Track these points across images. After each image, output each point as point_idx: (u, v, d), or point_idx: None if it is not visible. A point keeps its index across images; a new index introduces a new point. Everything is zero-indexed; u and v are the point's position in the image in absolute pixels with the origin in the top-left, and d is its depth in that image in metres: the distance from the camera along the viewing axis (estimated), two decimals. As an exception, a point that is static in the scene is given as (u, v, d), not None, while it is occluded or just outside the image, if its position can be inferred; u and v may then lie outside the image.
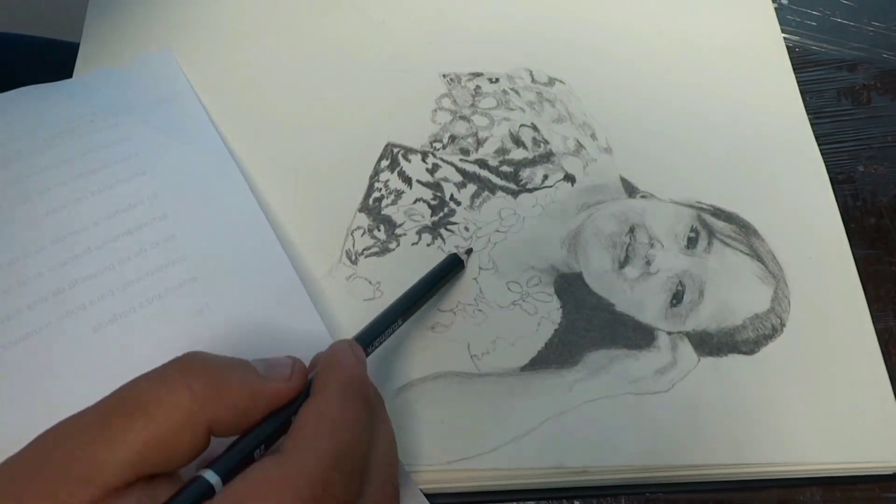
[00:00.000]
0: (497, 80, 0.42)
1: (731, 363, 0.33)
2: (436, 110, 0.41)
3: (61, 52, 0.43)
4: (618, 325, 0.34)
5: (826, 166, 0.39)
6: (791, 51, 0.44)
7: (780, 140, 0.40)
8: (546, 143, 0.40)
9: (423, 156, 0.39)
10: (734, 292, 0.35)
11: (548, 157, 0.39)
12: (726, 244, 0.37)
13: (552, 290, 0.35)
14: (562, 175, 0.39)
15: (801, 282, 0.36)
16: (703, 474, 0.31)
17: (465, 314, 0.34)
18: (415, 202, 0.38)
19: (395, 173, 0.39)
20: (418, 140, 0.40)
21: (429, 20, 0.45)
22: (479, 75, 0.42)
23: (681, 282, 0.35)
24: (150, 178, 0.37)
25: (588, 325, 0.34)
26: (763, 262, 0.36)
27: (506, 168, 0.39)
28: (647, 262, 0.36)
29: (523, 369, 0.33)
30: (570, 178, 0.39)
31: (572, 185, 0.39)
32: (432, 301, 0.34)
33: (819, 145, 0.40)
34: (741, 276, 0.36)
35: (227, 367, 0.23)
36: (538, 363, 0.33)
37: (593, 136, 0.40)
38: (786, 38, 0.45)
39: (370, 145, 0.40)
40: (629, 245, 0.36)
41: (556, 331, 0.34)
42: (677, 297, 0.35)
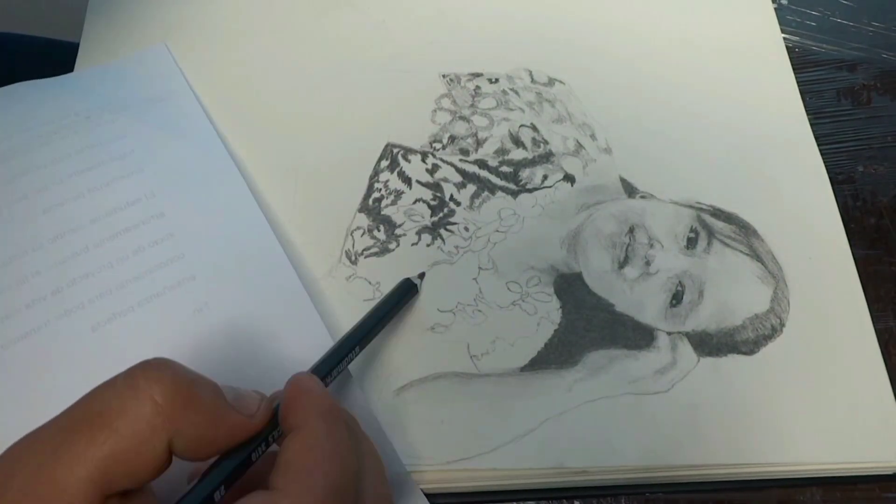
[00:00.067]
0: (497, 81, 0.42)
1: (731, 363, 0.33)
2: (436, 110, 0.41)
3: (61, 52, 0.43)
4: (617, 325, 0.34)
5: (826, 166, 0.39)
6: (791, 51, 0.44)
7: (780, 140, 0.40)
8: (546, 143, 0.40)
9: (423, 156, 0.39)
10: (734, 292, 0.35)
11: (547, 157, 0.39)
12: (726, 244, 0.37)
13: (552, 290, 0.35)
14: (561, 175, 0.39)
15: (801, 282, 0.36)
16: (703, 474, 0.31)
17: (465, 314, 0.34)
18: (414, 202, 0.38)
19: (395, 173, 0.38)
20: (418, 140, 0.40)
21: (429, 20, 0.45)
22: (478, 75, 0.42)
23: (680, 282, 0.35)
24: (147, 176, 0.36)
25: (588, 326, 0.34)
26: (763, 263, 0.36)
27: (505, 168, 0.39)
28: (647, 263, 0.36)
29: (523, 369, 0.33)
30: (569, 178, 0.39)
31: (572, 186, 0.38)
32: (429, 302, 0.34)
33: (819, 145, 0.40)
34: (741, 276, 0.36)
35: (195, 384, 0.22)
36: (538, 363, 0.33)
37: (593, 136, 0.40)
38: (786, 38, 0.45)
39: (370, 145, 0.39)
40: (629, 245, 0.36)
41: (555, 331, 0.34)
42: (677, 298, 0.35)
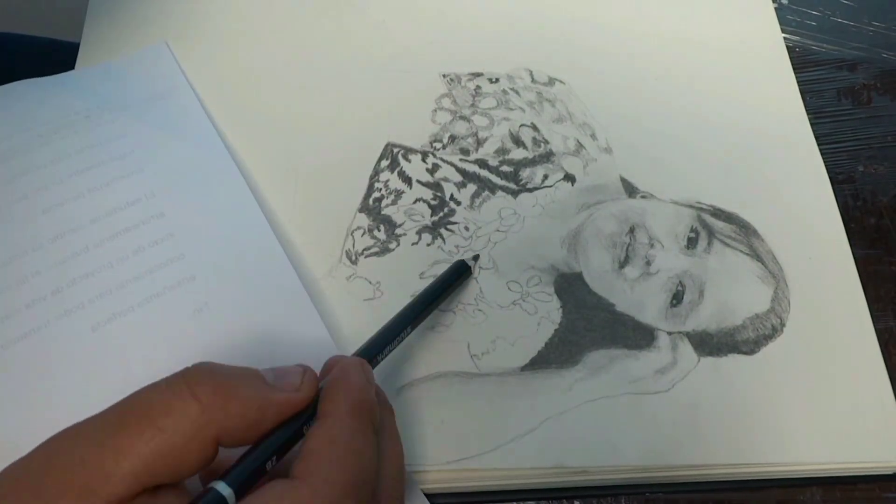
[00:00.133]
0: (497, 80, 0.42)
1: (731, 363, 0.33)
2: (436, 110, 0.41)
3: (61, 52, 0.43)
4: (618, 325, 0.34)
5: (826, 166, 0.39)
6: (791, 51, 0.44)
7: (780, 140, 0.40)
8: (546, 142, 0.40)
9: (423, 156, 0.39)
10: (734, 292, 0.35)
11: (548, 156, 0.39)
12: (726, 244, 0.37)
13: (552, 289, 0.35)
14: (562, 175, 0.39)
15: (801, 282, 0.36)
16: (702, 474, 0.31)
17: (465, 314, 0.34)
18: (415, 202, 0.38)
19: (395, 173, 0.38)
20: (418, 140, 0.40)
21: (429, 20, 0.45)
22: (479, 75, 0.42)
23: (681, 282, 0.35)
24: (147, 176, 0.36)
25: (588, 325, 0.34)
26: (763, 263, 0.36)
27: (506, 168, 0.39)
28: (647, 263, 0.36)
29: (523, 369, 0.33)
30: (570, 177, 0.39)
31: (572, 185, 0.38)
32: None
33: (819, 145, 0.40)
34: (741, 276, 0.36)
35: (236, 377, 0.22)
36: (538, 363, 0.33)
37: (593, 136, 0.40)
38: (786, 38, 0.45)
39: (370, 145, 0.39)
40: (629, 245, 0.36)
41: (556, 331, 0.34)
42: (677, 298, 0.35)
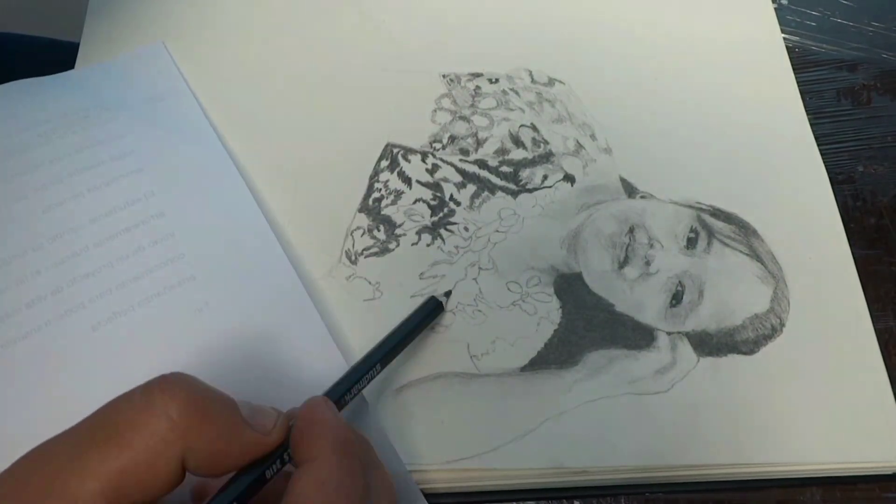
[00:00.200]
0: (497, 81, 0.42)
1: (731, 363, 0.33)
2: (436, 110, 0.41)
3: (61, 52, 0.42)
4: (617, 325, 0.34)
5: (826, 166, 0.39)
6: (791, 51, 0.44)
7: (780, 140, 0.40)
8: (546, 143, 0.40)
9: (423, 156, 0.39)
10: (734, 292, 0.35)
11: (547, 157, 0.39)
12: (726, 244, 0.37)
13: (552, 290, 0.35)
14: (561, 175, 0.39)
15: (801, 282, 0.36)
16: (702, 474, 0.31)
17: (465, 314, 0.34)
18: (414, 202, 0.38)
19: (395, 173, 0.39)
20: (418, 140, 0.40)
21: (429, 20, 0.45)
22: (479, 75, 0.42)
23: (680, 282, 0.35)
24: (147, 176, 0.36)
25: (588, 326, 0.34)
26: (762, 263, 0.36)
27: (506, 168, 0.39)
28: (647, 263, 0.36)
29: (523, 370, 0.33)
30: (569, 178, 0.39)
31: (572, 186, 0.38)
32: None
33: (819, 145, 0.40)
34: (741, 276, 0.36)
35: (211, 400, 0.22)
36: (538, 363, 0.33)
37: (593, 136, 0.40)
38: (786, 38, 0.45)
39: (370, 145, 0.39)
40: (629, 245, 0.36)
41: (555, 331, 0.34)
42: (677, 298, 0.35)
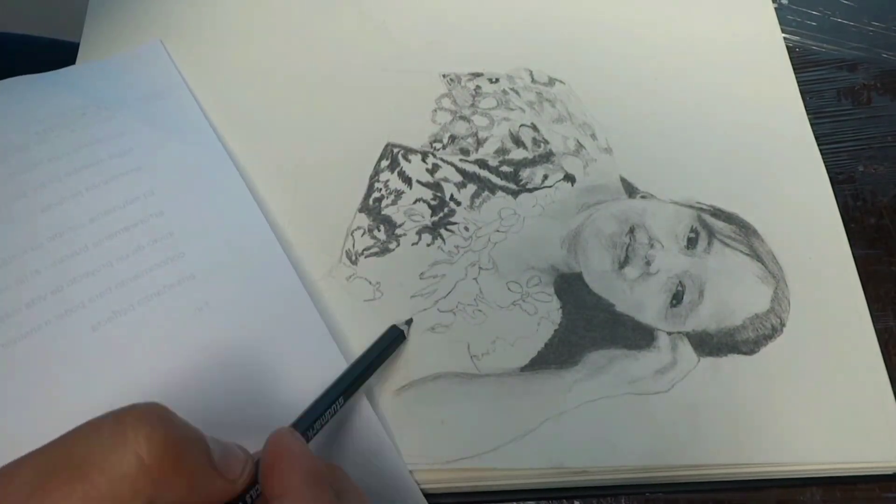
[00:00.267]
0: (497, 80, 0.42)
1: (731, 363, 0.33)
2: (436, 110, 0.41)
3: (61, 52, 0.42)
4: (618, 325, 0.34)
5: (826, 166, 0.39)
6: (791, 51, 0.44)
7: (780, 140, 0.40)
8: (546, 143, 0.40)
9: (423, 156, 0.39)
10: (734, 292, 0.35)
11: (548, 157, 0.39)
12: (726, 244, 0.37)
13: (552, 290, 0.35)
14: (562, 175, 0.39)
15: (801, 282, 0.36)
16: (703, 474, 0.31)
17: (465, 314, 0.34)
18: (415, 202, 0.38)
19: (395, 173, 0.39)
20: (418, 140, 0.40)
21: (429, 20, 0.45)
22: (479, 75, 0.42)
23: (681, 282, 0.35)
24: (146, 174, 0.36)
25: (588, 326, 0.34)
26: (763, 263, 0.36)
27: (506, 168, 0.39)
28: (647, 263, 0.36)
29: (523, 369, 0.33)
30: (570, 178, 0.39)
31: (572, 185, 0.38)
32: (432, 302, 0.34)
33: (819, 145, 0.40)
34: (741, 276, 0.36)
35: (185, 441, 0.21)
36: (538, 363, 0.33)
37: (593, 136, 0.40)
38: (786, 38, 0.45)
39: (370, 145, 0.39)
40: (629, 245, 0.36)
41: (555, 331, 0.34)
42: (677, 298, 0.35)
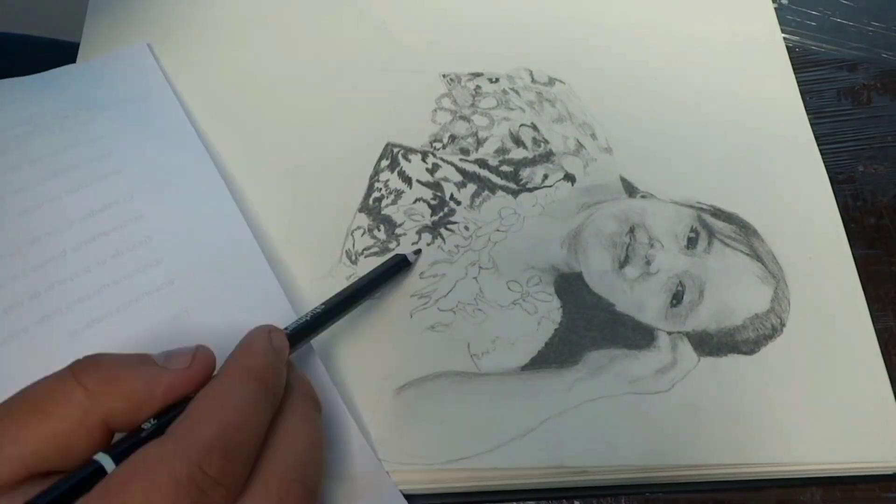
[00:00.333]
0: (497, 80, 0.42)
1: (731, 363, 0.33)
2: (436, 110, 0.41)
3: (61, 52, 0.43)
4: (618, 324, 0.34)
5: (826, 166, 0.39)
6: (791, 51, 0.44)
7: (780, 140, 0.40)
8: (546, 142, 0.40)
9: (423, 156, 0.39)
10: (734, 292, 0.35)
11: (548, 156, 0.39)
12: (726, 244, 0.37)
13: (552, 289, 0.35)
14: (562, 175, 0.39)
15: (801, 282, 0.36)
16: (703, 474, 0.31)
17: (465, 313, 0.34)
18: (415, 202, 0.38)
19: (395, 173, 0.39)
20: (418, 140, 0.40)
21: (429, 20, 0.45)
22: (479, 75, 0.42)
23: (681, 282, 0.35)
24: (125, 178, 0.36)
25: (588, 325, 0.34)
26: (763, 263, 0.36)
27: (506, 168, 0.39)
28: (647, 262, 0.36)
29: (523, 369, 0.33)
30: (570, 177, 0.39)
31: (572, 185, 0.38)
32: (432, 301, 0.34)
33: (819, 145, 0.40)
34: (741, 276, 0.36)
35: (122, 362, 0.23)
36: (538, 363, 0.33)
37: (593, 135, 0.40)
38: (786, 38, 0.45)
39: (370, 145, 0.39)
40: (629, 245, 0.36)
41: (556, 330, 0.34)
42: (677, 298, 0.35)
